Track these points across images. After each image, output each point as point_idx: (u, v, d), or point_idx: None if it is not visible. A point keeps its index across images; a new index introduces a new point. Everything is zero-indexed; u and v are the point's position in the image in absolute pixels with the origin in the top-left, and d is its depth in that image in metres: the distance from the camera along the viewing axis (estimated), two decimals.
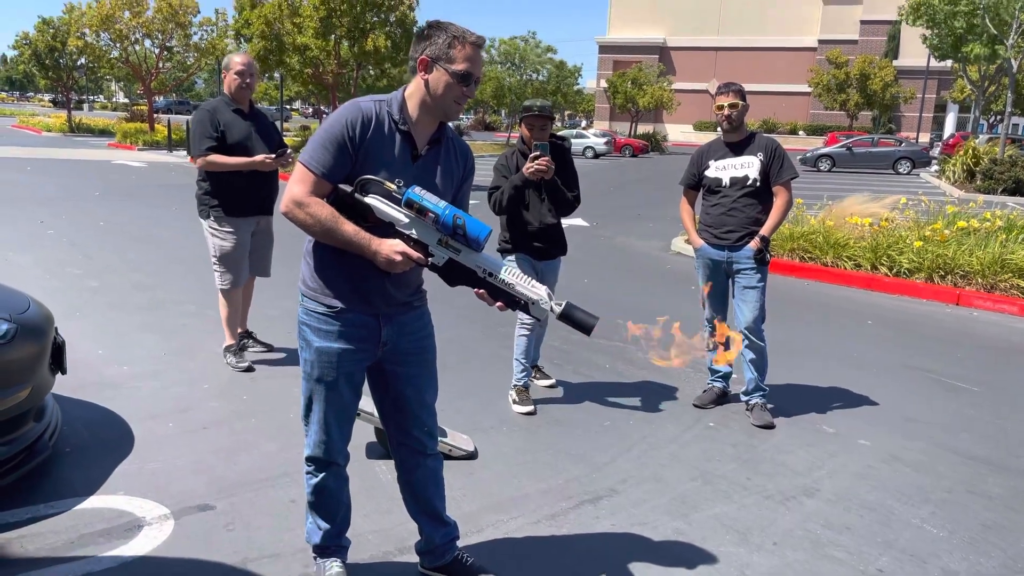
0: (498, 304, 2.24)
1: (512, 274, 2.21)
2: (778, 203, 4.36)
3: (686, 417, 4.41)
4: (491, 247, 2.72)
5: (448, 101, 2.27)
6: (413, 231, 2.19)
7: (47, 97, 79.38)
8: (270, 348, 5.17)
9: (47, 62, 32.93)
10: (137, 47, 27.62)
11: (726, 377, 4.70)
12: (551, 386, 4.79)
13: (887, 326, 6.66)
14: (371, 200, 2.19)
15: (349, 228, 2.18)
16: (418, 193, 2.15)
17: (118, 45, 26.91)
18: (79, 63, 33.42)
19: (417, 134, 2.31)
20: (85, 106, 63.09)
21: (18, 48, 33.99)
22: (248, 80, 4.69)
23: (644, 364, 5.32)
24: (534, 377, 4.77)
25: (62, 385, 3.85)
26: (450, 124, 2.45)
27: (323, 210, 2.19)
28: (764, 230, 4.33)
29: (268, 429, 3.97)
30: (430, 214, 2.14)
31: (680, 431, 4.21)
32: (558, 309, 2.23)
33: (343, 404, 2.45)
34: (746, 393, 4.49)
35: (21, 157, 20.55)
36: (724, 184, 4.39)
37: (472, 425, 4.08)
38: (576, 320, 2.25)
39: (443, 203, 2.17)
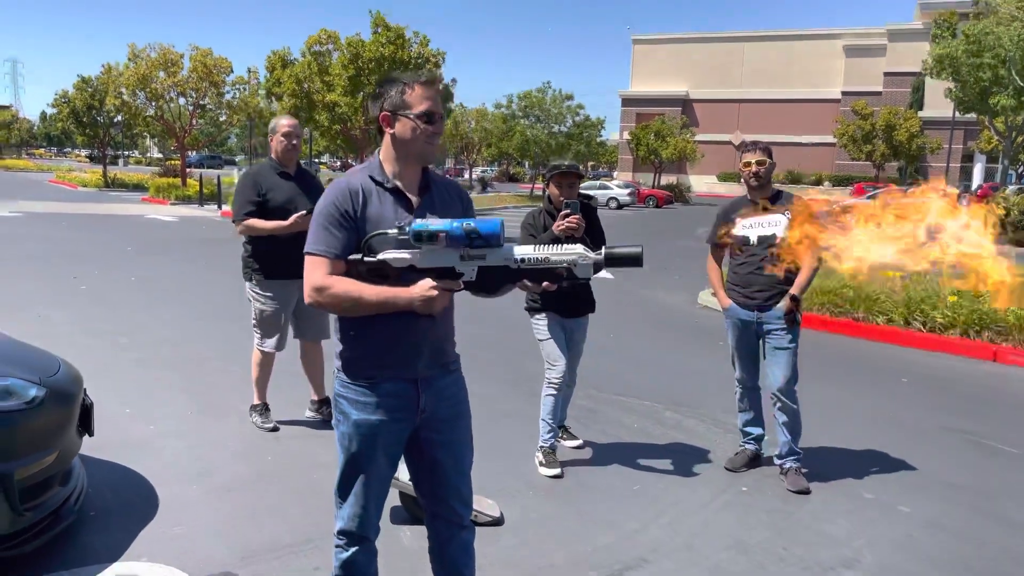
0: (545, 285, 2.19)
1: (541, 249, 2.16)
2: (807, 261, 4.23)
3: (719, 481, 4.30)
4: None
5: (420, 145, 2.31)
6: (433, 263, 2.18)
7: (84, 153, 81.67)
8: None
9: (85, 119, 33.89)
10: (172, 105, 28.41)
11: (759, 439, 4.57)
12: (578, 447, 4.71)
13: (922, 384, 6.50)
14: (383, 255, 2.20)
15: (375, 291, 2.19)
16: (422, 222, 2.17)
17: (153, 103, 27.70)
18: (116, 120, 34.41)
19: (406, 187, 2.34)
20: (120, 161, 64.78)
21: (57, 106, 35.05)
22: (295, 142, 4.73)
23: (673, 424, 5.23)
24: (561, 438, 4.69)
25: (88, 445, 3.84)
26: (477, 177, 2.48)
27: (345, 285, 2.21)
28: (794, 289, 4.25)
29: (293, 492, 3.92)
30: (441, 235, 2.14)
31: (712, 496, 4.10)
32: (600, 258, 2.15)
33: (381, 477, 2.41)
34: (779, 457, 4.38)
35: (57, 212, 21.03)
36: (752, 242, 4.33)
37: (498, 488, 4.01)
38: (622, 257, 2.18)
39: (447, 220, 2.18)
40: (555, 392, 4.36)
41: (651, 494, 4.09)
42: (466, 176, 55.41)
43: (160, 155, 74.62)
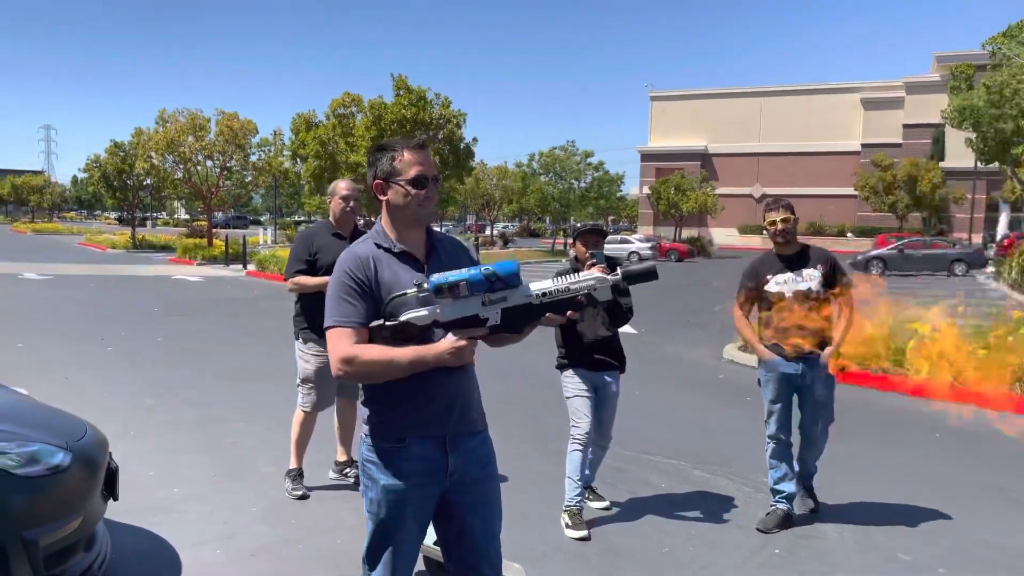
0: (568, 314, 2.23)
1: (559, 280, 2.20)
2: (845, 312, 4.43)
3: (751, 543, 4.19)
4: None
5: (414, 209, 2.34)
6: (457, 313, 2.17)
7: (113, 215, 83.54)
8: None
9: (115, 183, 34.75)
10: (199, 167, 29.08)
11: (790, 498, 4.47)
12: (605, 508, 4.62)
13: (956, 438, 6.35)
14: (405, 315, 2.19)
15: (405, 352, 2.17)
16: (440, 276, 2.16)
17: (182, 166, 28.36)
18: (145, 183, 35.24)
19: (412, 249, 2.37)
20: (148, 223, 66.12)
21: (88, 170, 36.02)
22: (352, 204, 4.78)
23: (702, 483, 5.13)
24: (588, 498, 4.61)
25: (112, 509, 3.83)
26: (498, 233, 2.53)
27: (373, 351, 2.20)
28: (836, 341, 4.38)
29: (316, 556, 3.87)
30: (462, 283, 2.13)
31: (744, 558, 3.99)
32: (618, 278, 2.23)
33: (410, 543, 2.37)
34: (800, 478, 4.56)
35: (85, 274, 21.41)
36: (787, 298, 4.39)
37: (523, 552, 3.92)
38: (639, 274, 2.29)
39: (465, 269, 2.18)
40: (580, 448, 4.35)
41: (681, 558, 3.99)
42: (487, 232, 55.87)
43: (187, 216, 76.11)
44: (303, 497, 4.66)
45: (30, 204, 73.29)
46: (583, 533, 4.21)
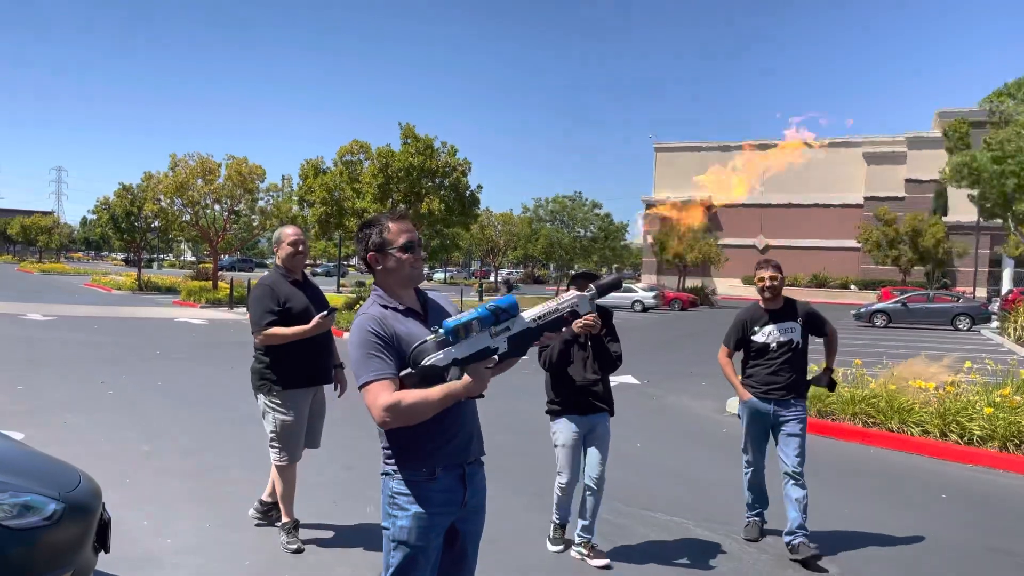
0: (564, 330, 2.58)
1: (547, 304, 2.56)
2: (828, 340, 5.14)
3: None
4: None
5: (407, 271, 2.64)
6: (471, 348, 2.43)
7: (120, 256, 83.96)
8: (295, 525, 4.83)
9: (123, 225, 34.99)
10: (207, 211, 29.31)
11: (761, 514, 5.17)
12: (606, 567, 4.51)
13: (962, 500, 6.25)
14: (427, 361, 2.41)
15: (437, 391, 2.40)
16: (453, 319, 2.43)
17: (190, 210, 28.58)
18: (153, 225, 35.48)
19: (412, 305, 2.66)
20: (155, 264, 66.45)
21: (97, 212, 36.30)
22: (301, 248, 4.81)
23: (704, 541, 5.03)
24: (588, 556, 4.53)
25: (103, 561, 3.77)
26: (503, 279, 2.79)
27: (412, 395, 2.40)
28: (829, 363, 5.13)
29: None
30: (473, 323, 2.42)
31: None
32: (594, 291, 2.62)
33: (431, 567, 2.56)
34: (789, 533, 4.79)
35: (89, 316, 21.44)
36: (772, 348, 4.99)
37: None
38: (608, 286, 2.72)
39: (471, 311, 2.47)
40: (561, 495, 4.71)
41: None
42: (492, 278, 56.01)
43: (193, 258, 76.46)
44: (298, 551, 4.57)
45: (38, 244, 73.83)
46: (559, 548, 4.70)
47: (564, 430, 4.63)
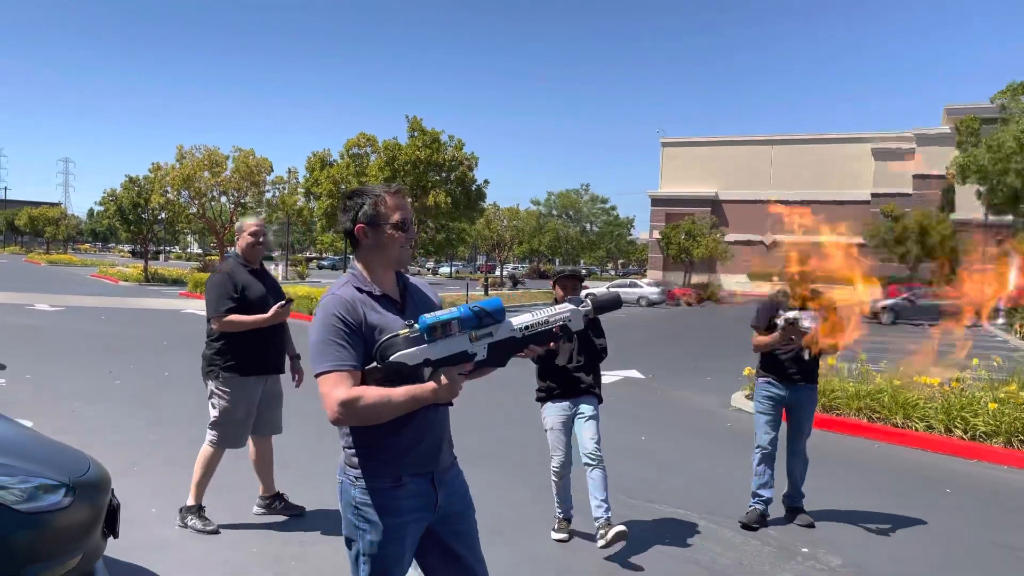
0: (551, 345, 2.38)
1: (536, 314, 2.35)
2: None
3: None
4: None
5: (396, 251, 2.41)
6: (447, 351, 2.24)
7: (127, 248, 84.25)
8: (302, 512, 5.04)
9: (130, 217, 35.13)
10: (213, 203, 29.40)
11: (768, 502, 5.28)
12: (620, 535, 4.45)
13: (968, 495, 6.25)
14: (396, 356, 2.21)
15: (400, 392, 2.21)
16: (431, 316, 2.22)
17: (196, 202, 28.68)
18: (160, 217, 35.61)
19: (388, 291, 2.43)
20: (161, 256, 66.63)
21: (104, 204, 36.45)
22: (261, 240, 4.89)
23: (708, 534, 5.05)
24: (601, 535, 4.53)
25: (112, 547, 3.81)
26: (508, 274, 2.64)
27: (373, 392, 2.21)
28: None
29: None
30: (453, 322, 2.22)
31: None
32: (589, 308, 2.40)
33: (404, 571, 2.43)
34: (788, 498, 5.41)
35: (96, 307, 21.54)
36: (791, 339, 5.09)
37: None
38: (606, 303, 2.46)
39: (452, 308, 2.28)
40: (556, 479, 4.80)
41: None
42: (497, 273, 56.02)
43: (200, 250, 76.69)
44: (215, 532, 4.60)
45: (45, 235, 74.13)
46: (563, 536, 4.77)
47: (551, 414, 4.78)
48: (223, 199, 29.82)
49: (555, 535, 4.81)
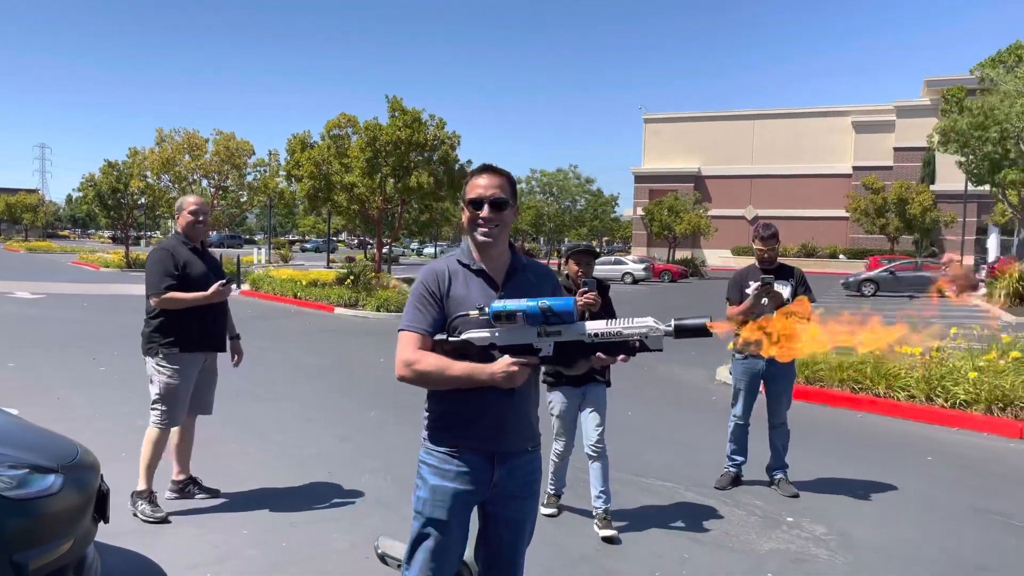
0: (620, 358, 2.37)
1: (613, 324, 2.28)
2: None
3: (742, 566, 4.18)
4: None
5: (472, 229, 2.47)
6: (512, 340, 2.30)
7: (107, 234, 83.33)
8: (216, 494, 4.98)
9: (109, 202, 34.69)
10: (194, 187, 29.09)
11: (740, 465, 5.57)
12: (610, 540, 4.46)
13: (948, 462, 6.37)
14: (465, 335, 2.34)
15: (461, 366, 2.32)
16: (500, 304, 2.29)
17: (177, 186, 28.38)
18: (140, 202, 35.20)
19: (492, 270, 2.48)
20: (142, 242, 65.99)
21: (83, 189, 35.97)
22: (201, 218, 4.82)
23: (694, 505, 5.12)
24: (597, 526, 4.56)
25: (102, 532, 3.81)
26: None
27: (432, 360, 2.35)
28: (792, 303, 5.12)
29: None
30: (518, 314, 2.26)
31: None
32: (670, 329, 2.26)
33: (450, 545, 2.48)
34: (771, 469, 5.53)
35: (78, 293, 21.35)
36: (764, 303, 5.13)
37: None
38: (691, 329, 2.26)
39: (524, 300, 2.29)
40: (557, 460, 4.83)
41: None
42: None
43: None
44: (164, 521, 4.53)
45: (24, 223, 73.18)
46: (552, 511, 4.83)
47: (559, 401, 4.73)
48: (204, 183, 29.53)
49: (544, 510, 4.85)
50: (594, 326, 2.29)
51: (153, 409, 4.70)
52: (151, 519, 4.52)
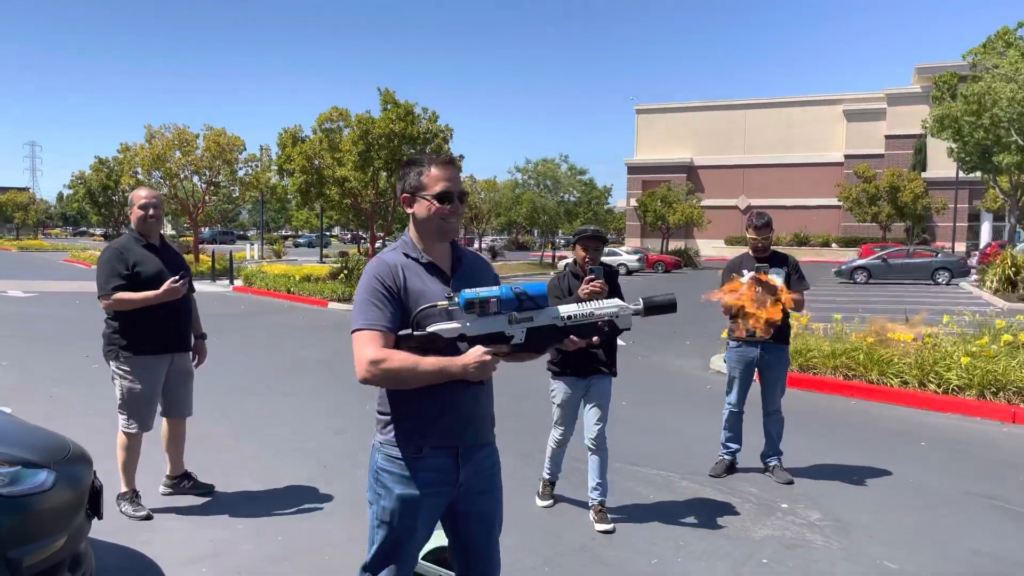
0: (595, 340, 2.32)
1: (584, 305, 2.27)
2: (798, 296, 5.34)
3: (738, 553, 4.20)
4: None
5: (436, 223, 2.38)
6: (484, 329, 2.23)
7: (99, 232, 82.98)
8: (210, 491, 4.94)
9: (100, 199, 34.59)
10: (185, 183, 28.97)
11: (735, 453, 5.58)
12: (607, 532, 4.45)
13: (941, 448, 6.40)
14: (433, 327, 2.23)
15: (431, 361, 2.21)
16: (471, 291, 2.21)
17: (168, 182, 28.24)
18: None
19: (438, 260, 2.42)
20: None
21: (73, 187, 35.86)
22: (151, 212, 4.61)
23: (690, 494, 5.14)
24: (594, 518, 4.54)
25: (97, 528, 3.81)
26: (487, 246, 2.59)
27: (401, 357, 2.22)
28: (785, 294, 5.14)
29: (303, 574, 3.85)
30: (492, 300, 2.19)
31: (731, 569, 4.00)
32: (640, 307, 2.31)
33: (416, 550, 2.45)
34: (766, 456, 5.54)
35: (70, 291, 21.26)
36: (758, 292, 5.13)
37: (512, 564, 3.93)
38: (659, 305, 2.33)
39: (495, 287, 2.25)
40: (554, 447, 4.79)
41: (669, 569, 4.00)
42: (476, 245, 55.91)
43: (173, 232, 75.88)
44: (147, 518, 4.50)
45: (15, 221, 72.80)
46: (548, 503, 4.80)
47: (561, 390, 4.65)
48: (195, 179, 29.39)
49: (540, 502, 4.85)
50: (566, 309, 2.26)
51: (120, 413, 4.60)
52: (134, 517, 4.49)
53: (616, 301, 2.29)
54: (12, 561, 2.84)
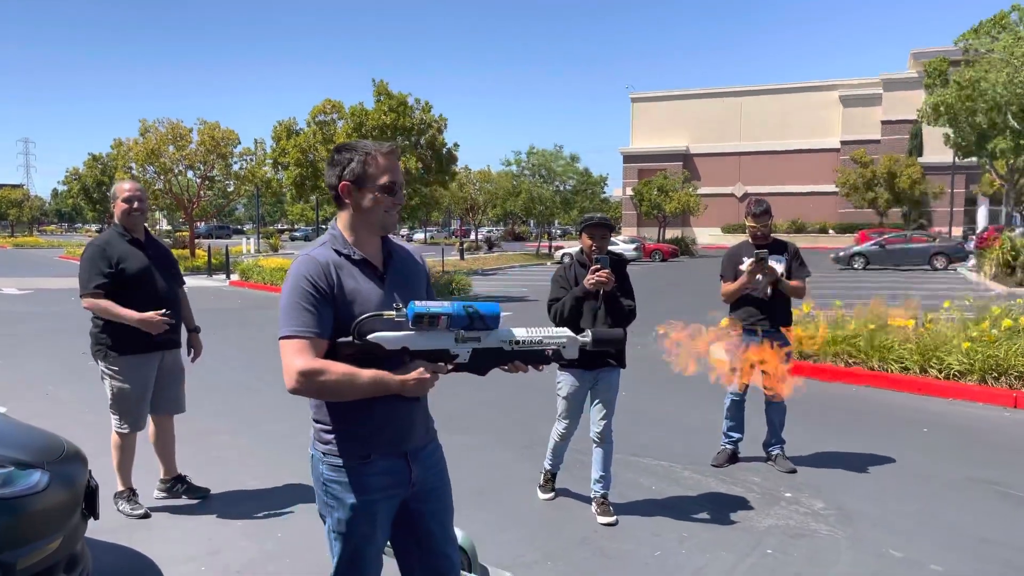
0: (540, 368, 2.24)
1: (531, 331, 2.21)
2: (797, 285, 5.41)
3: (742, 544, 4.16)
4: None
5: (381, 215, 2.25)
6: (428, 344, 2.12)
7: (94, 227, 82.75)
8: (206, 495, 4.84)
9: (95, 195, 34.44)
10: (180, 178, 28.84)
11: (737, 442, 5.56)
12: (610, 524, 4.41)
13: (944, 433, 6.37)
14: (375, 336, 2.10)
15: (369, 374, 2.09)
16: (422, 305, 2.08)
17: (162, 177, 28.12)
18: None
19: (370, 256, 2.28)
20: None
21: (68, 183, 35.72)
22: (136, 205, 4.44)
23: (692, 484, 5.10)
24: (597, 511, 4.51)
25: (93, 528, 3.76)
26: (483, 237, 2.50)
27: (334, 369, 2.08)
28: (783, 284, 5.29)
29: (302, 572, 3.81)
30: (442, 317, 2.08)
31: (737, 560, 3.97)
32: (587, 339, 2.24)
33: (378, 554, 2.35)
34: (768, 445, 5.50)
35: (66, 288, 21.14)
36: (759, 279, 5.24)
37: (514, 559, 3.89)
38: (607, 339, 2.30)
39: (446, 302, 2.12)
40: (557, 440, 4.70)
41: (673, 560, 3.96)
42: (472, 236, 55.80)
43: (169, 227, 75.69)
44: (145, 516, 4.45)
45: (9, 218, 72.56)
46: (549, 495, 4.74)
47: (568, 382, 4.53)
48: (190, 173, 29.26)
49: (542, 495, 4.79)
50: (515, 333, 2.18)
51: (112, 414, 4.52)
52: (132, 516, 4.44)
53: (566, 331, 2.22)
54: (5, 564, 2.79)
